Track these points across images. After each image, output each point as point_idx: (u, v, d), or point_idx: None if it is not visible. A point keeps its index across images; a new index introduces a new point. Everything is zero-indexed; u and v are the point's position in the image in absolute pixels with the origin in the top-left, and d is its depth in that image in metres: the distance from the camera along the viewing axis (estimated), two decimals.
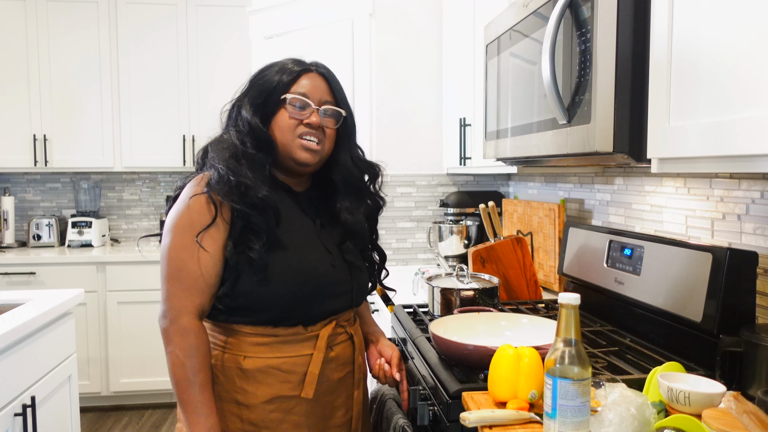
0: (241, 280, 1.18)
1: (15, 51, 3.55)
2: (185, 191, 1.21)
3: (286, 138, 1.23)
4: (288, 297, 1.20)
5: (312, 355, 1.23)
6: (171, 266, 1.17)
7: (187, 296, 1.16)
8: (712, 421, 0.94)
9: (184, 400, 1.15)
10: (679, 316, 1.32)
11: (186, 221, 1.17)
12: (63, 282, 3.38)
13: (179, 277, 1.16)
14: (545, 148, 1.41)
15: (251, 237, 1.17)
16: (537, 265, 2.29)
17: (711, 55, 0.94)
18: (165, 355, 1.17)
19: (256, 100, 1.24)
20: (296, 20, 3.18)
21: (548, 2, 1.37)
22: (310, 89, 1.25)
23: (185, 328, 1.15)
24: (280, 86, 1.24)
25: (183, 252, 1.16)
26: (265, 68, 1.29)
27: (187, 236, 1.16)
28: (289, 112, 1.23)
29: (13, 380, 1.76)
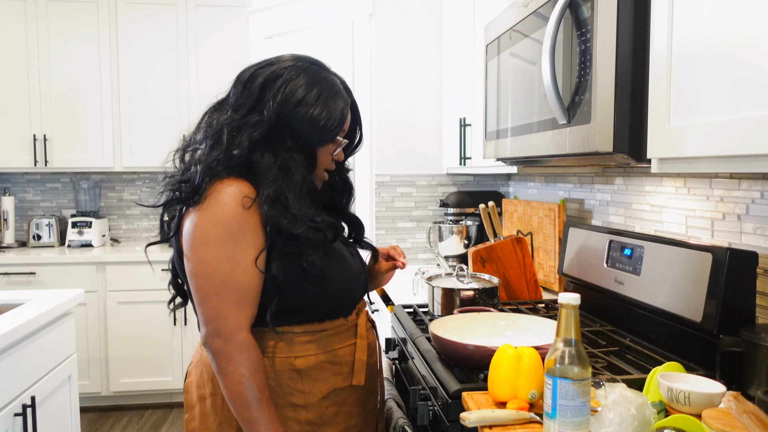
0: (289, 289, 1.14)
1: (15, 51, 3.55)
2: (218, 198, 1.09)
3: (319, 169, 1.25)
4: (337, 292, 1.21)
5: (356, 344, 1.25)
6: (216, 280, 1.08)
7: (240, 310, 1.10)
8: (712, 421, 0.94)
9: (252, 420, 1.09)
10: (679, 316, 1.32)
11: (224, 231, 1.08)
12: (63, 282, 3.38)
13: (227, 291, 1.08)
14: (545, 148, 1.41)
15: (308, 251, 1.13)
16: (537, 265, 2.29)
17: (711, 54, 0.94)
18: (220, 377, 1.10)
19: (322, 127, 1.19)
20: (296, 20, 3.18)
21: (548, 2, 1.37)
22: (347, 125, 1.26)
23: (246, 343, 1.10)
24: (340, 121, 1.21)
25: (227, 264, 1.08)
26: (332, 93, 1.21)
27: (230, 247, 1.08)
28: (334, 153, 1.25)
29: (13, 380, 1.76)
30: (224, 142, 1.13)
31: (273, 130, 1.15)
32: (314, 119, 1.17)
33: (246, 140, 1.12)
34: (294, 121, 1.16)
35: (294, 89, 1.17)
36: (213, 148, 1.14)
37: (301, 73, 1.19)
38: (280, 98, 1.16)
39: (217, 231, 1.08)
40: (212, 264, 1.08)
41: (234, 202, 1.09)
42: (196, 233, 1.09)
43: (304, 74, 1.19)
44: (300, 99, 1.17)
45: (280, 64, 1.21)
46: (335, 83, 1.24)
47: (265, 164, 1.12)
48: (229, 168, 1.12)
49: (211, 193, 1.10)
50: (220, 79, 4.26)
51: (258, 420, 1.09)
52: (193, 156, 1.19)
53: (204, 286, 1.09)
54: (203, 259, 1.08)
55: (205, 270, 1.08)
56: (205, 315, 1.10)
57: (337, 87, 1.23)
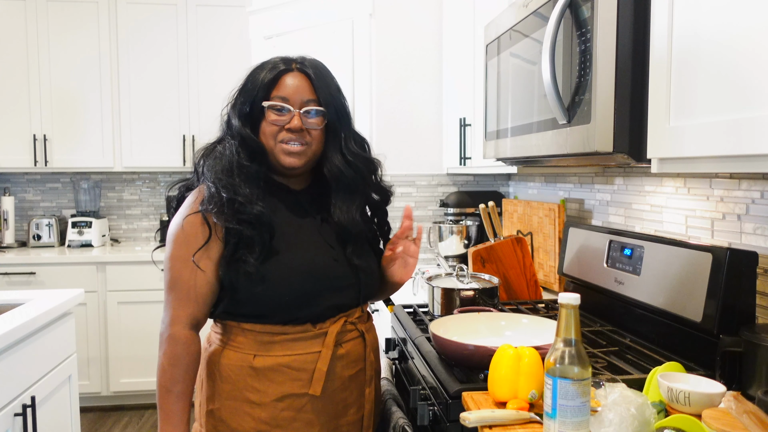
0: (240, 292, 1.19)
1: (15, 51, 3.55)
2: (186, 204, 1.24)
3: (270, 144, 1.24)
4: (291, 297, 1.20)
5: (320, 353, 1.23)
6: (169, 276, 1.21)
7: (181, 306, 1.19)
8: (712, 421, 0.94)
9: (161, 406, 1.19)
10: (679, 316, 1.32)
11: (181, 236, 1.20)
12: (63, 282, 3.38)
13: (175, 287, 1.20)
14: (545, 148, 1.41)
15: (245, 252, 1.17)
16: (537, 265, 2.29)
17: (711, 54, 0.94)
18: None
19: (243, 107, 1.24)
20: (296, 20, 3.18)
21: (548, 2, 1.37)
22: (290, 91, 1.23)
23: (175, 337, 1.19)
24: (261, 92, 1.23)
25: (178, 263, 1.19)
26: (254, 70, 1.28)
27: (183, 249, 1.19)
28: (270, 119, 1.23)
29: (13, 380, 1.76)
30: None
31: (226, 128, 1.27)
32: (234, 97, 1.26)
33: (198, 154, 1.28)
34: (236, 106, 1.26)
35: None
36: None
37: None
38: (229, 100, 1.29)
39: (176, 234, 1.21)
40: (170, 260, 1.21)
41: (188, 209, 1.21)
42: (168, 232, 1.23)
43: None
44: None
45: None
46: (264, 62, 1.28)
47: (207, 164, 1.23)
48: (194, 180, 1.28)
49: (188, 198, 1.24)
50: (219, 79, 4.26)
51: (164, 409, 1.19)
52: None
53: (165, 279, 1.22)
54: (167, 255, 1.22)
55: (166, 266, 1.21)
56: (164, 305, 1.23)
57: (264, 63, 1.27)
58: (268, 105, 1.23)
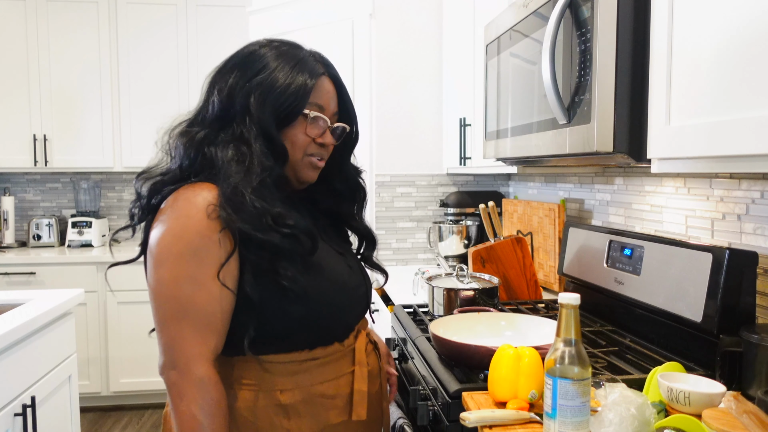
0: (267, 310, 0.99)
1: (15, 51, 3.55)
2: (186, 207, 0.96)
3: (296, 155, 1.08)
4: (328, 314, 1.06)
5: (354, 372, 1.09)
6: (174, 304, 0.94)
7: (200, 339, 0.94)
8: (712, 421, 0.94)
9: None
10: (679, 316, 1.32)
11: (188, 249, 0.94)
12: (63, 282, 3.38)
13: (187, 317, 0.94)
14: (545, 148, 1.41)
15: (285, 264, 0.98)
16: (537, 265, 2.29)
17: (711, 54, 0.94)
18: (172, 415, 0.94)
19: (281, 106, 1.03)
20: (296, 20, 3.18)
21: (548, 2, 1.37)
22: (327, 101, 1.09)
23: (203, 379, 0.93)
24: (303, 93, 1.05)
25: (188, 285, 0.94)
26: (287, 63, 1.06)
27: (192, 265, 0.93)
28: (308, 130, 1.07)
29: (13, 380, 1.76)
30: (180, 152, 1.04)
31: (225, 117, 1.03)
32: (267, 90, 1.03)
33: (192, 139, 1.02)
34: (246, 99, 1.02)
35: (246, 67, 1.05)
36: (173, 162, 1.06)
37: (258, 54, 1.07)
38: (232, 81, 1.04)
39: (179, 247, 0.94)
40: (172, 285, 0.93)
41: (198, 213, 0.94)
42: (158, 249, 0.95)
43: (261, 54, 1.07)
44: (252, 74, 1.04)
45: (238, 52, 1.10)
46: (297, 54, 1.08)
47: (220, 159, 0.98)
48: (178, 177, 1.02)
49: (176, 201, 0.97)
50: None
51: None
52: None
53: (162, 310, 0.95)
54: (162, 278, 0.94)
55: (164, 291, 0.94)
56: (161, 342, 0.95)
57: (299, 57, 1.08)
58: (312, 115, 1.06)
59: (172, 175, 1.03)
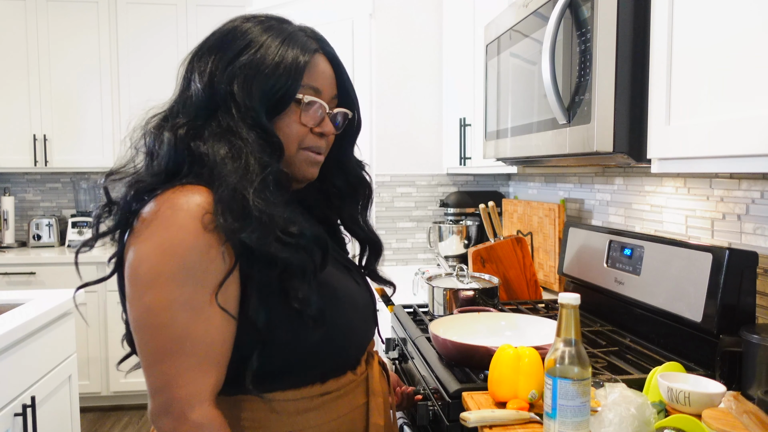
0: (275, 339, 0.83)
1: (15, 51, 3.55)
2: (171, 218, 0.77)
3: (290, 148, 0.91)
4: (343, 339, 0.92)
5: (369, 404, 0.96)
6: (166, 336, 0.76)
7: (199, 375, 0.77)
8: (712, 421, 0.94)
9: None
10: (679, 316, 1.32)
11: (181, 267, 0.76)
12: (63, 282, 3.38)
13: (182, 350, 0.77)
14: (545, 148, 1.41)
15: (294, 283, 0.82)
16: (537, 265, 2.29)
17: (711, 54, 0.94)
18: None
19: (271, 90, 0.87)
20: (296, 20, 3.18)
21: (548, 2, 1.37)
22: (323, 83, 0.93)
23: (203, 424, 0.76)
24: (295, 78, 0.88)
25: (183, 312, 0.76)
26: (269, 30, 0.91)
27: (188, 288, 0.76)
28: (303, 118, 0.90)
29: (13, 380, 1.76)
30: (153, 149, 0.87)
31: (207, 107, 0.87)
32: (252, 73, 0.86)
33: (175, 134, 0.85)
34: (229, 85, 0.86)
35: (227, 47, 0.89)
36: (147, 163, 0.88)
37: (240, 30, 0.91)
38: (211, 65, 0.88)
39: (171, 266, 0.76)
40: (164, 313, 0.76)
41: (192, 223, 0.77)
42: (144, 269, 0.77)
43: (243, 30, 0.91)
44: (234, 55, 0.88)
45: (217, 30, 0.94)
46: (286, 29, 0.94)
47: (212, 156, 0.81)
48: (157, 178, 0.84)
49: (162, 208, 0.78)
50: None
51: None
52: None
53: (152, 344, 0.77)
54: (152, 306, 0.76)
55: (155, 321, 0.76)
56: (151, 383, 0.78)
57: (288, 32, 0.93)
58: (307, 100, 0.90)
59: (153, 176, 0.84)
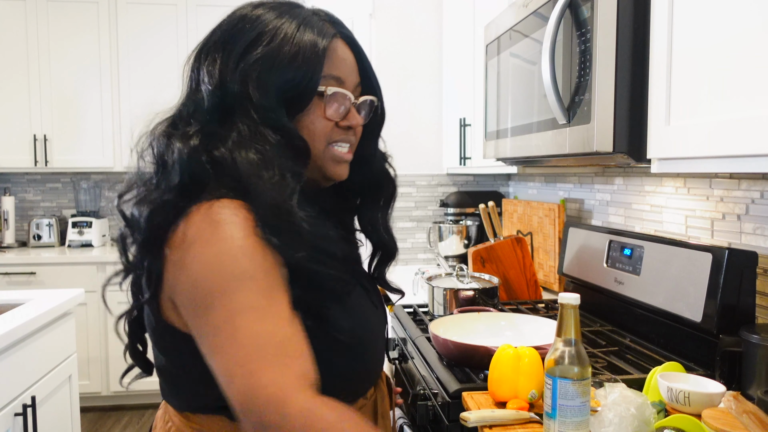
0: None
1: (15, 51, 3.55)
2: (215, 233, 0.71)
3: (317, 147, 0.83)
4: (365, 364, 0.87)
5: (377, 425, 0.91)
6: (242, 342, 0.67)
7: (284, 370, 0.66)
8: (712, 421, 0.94)
9: None
10: (679, 316, 1.32)
11: (240, 275, 0.70)
12: (63, 282, 3.38)
13: (263, 351, 0.67)
14: (545, 148, 1.41)
15: (327, 304, 0.77)
16: (537, 265, 2.29)
17: (711, 54, 0.94)
18: None
19: (283, 82, 0.79)
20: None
21: (548, 2, 1.37)
22: (346, 70, 0.85)
23: (306, 409, 0.64)
24: (314, 64, 0.80)
25: (253, 316, 0.69)
26: (282, 17, 0.82)
27: (252, 293, 0.70)
28: (327, 112, 0.83)
29: (14, 380, 1.76)
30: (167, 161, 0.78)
31: (220, 110, 0.79)
32: (266, 68, 0.78)
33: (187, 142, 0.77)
34: (243, 85, 0.78)
35: (236, 40, 0.82)
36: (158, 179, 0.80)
37: (249, 19, 0.84)
38: (220, 62, 0.81)
39: (231, 279, 0.69)
40: (233, 322, 0.68)
41: (241, 233, 0.71)
42: (202, 290, 0.70)
43: (252, 18, 0.84)
44: (244, 49, 0.80)
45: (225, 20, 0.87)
46: (299, 14, 0.84)
47: (241, 166, 0.74)
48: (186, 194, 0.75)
49: (202, 226, 0.72)
50: None
51: None
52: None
53: (231, 352, 0.67)
54: (220, 322, 0.69)
55: (228, 332, 0.68)
56: (239, 393, 0.66)
57: (302, 17, 0.83)
58: (331, 92, 0.82)
59: (169, 192, 0.75)
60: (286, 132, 0.79)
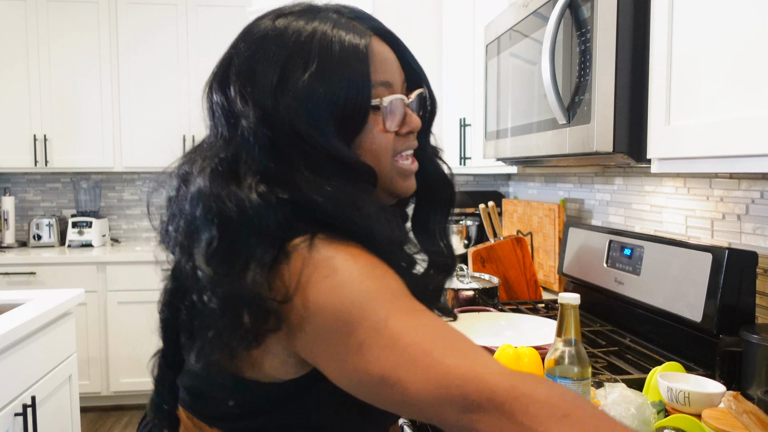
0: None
1: (15, 51, 3.55)
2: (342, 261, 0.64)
3: (384, 165, 0.75)
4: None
5: None
6: (407, 332, 0.59)
7: (471, 346, 0.59)
8: (711, 421, 0.94)
9: None
10: (679, 316, 1.32)
11: (390, 293, 0.63)
12: (63, 282, 3.38)
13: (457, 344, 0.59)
14: (545, 148, 1.41)
15: None
16: (537, 265, 2.29)
17: (711, 54, 0.94)
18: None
19: (335, 108, 0.69)
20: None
21: (548, 2, 1.37)
22: (389, 72, 0.75)
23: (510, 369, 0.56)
24: (363, 78, 0.71)
25: (412, 311, 0.62)
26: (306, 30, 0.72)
27: (405, 300, 0.64)
28: (387, 124, 0.74)
29: (14, 380, 1.76)
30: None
31: (273, 149, 0.69)
32: (310, 97, 0.69)
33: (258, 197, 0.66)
34: (289, 124, 0.69)
35: (266, 69, 0.71)
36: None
37: (272, 38, 0.74)
38: (257, 95, 0.71)
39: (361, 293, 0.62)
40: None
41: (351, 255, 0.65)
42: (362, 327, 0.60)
43: (275, 36, 0.74)
44: (280, 80, 0.70)
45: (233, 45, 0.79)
46: (331, 18, 0.74)
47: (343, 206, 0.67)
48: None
49: (320, 260, 0.64)
50: None
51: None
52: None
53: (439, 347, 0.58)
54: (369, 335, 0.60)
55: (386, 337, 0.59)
56: (424, 386, 0.56)
57: (333, 21, 0.73)
58: (388, 101, 0.73)
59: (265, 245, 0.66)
60: (350, 164, 0.70)
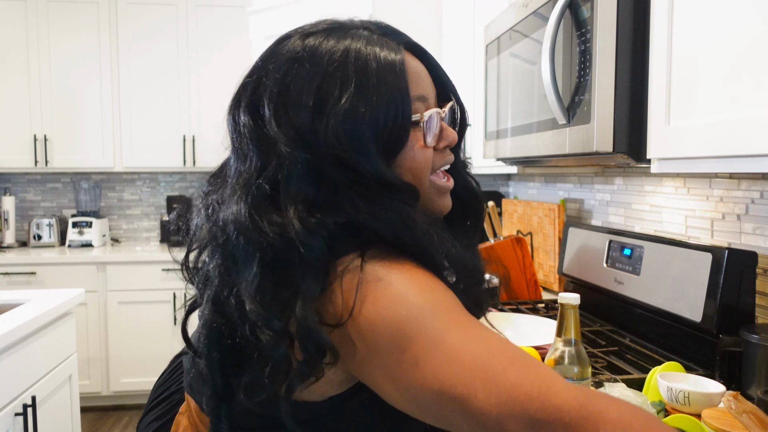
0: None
1: (15, 51, 3.55)
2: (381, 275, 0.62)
3: (424, 182, 0.73)
4: None
5: None
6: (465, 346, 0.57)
7: (532, 361, 0.57)
8: (711, 421, 0.94)
9: None
10: (679, 316, 1.33)
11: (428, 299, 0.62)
12: (63, 282, 3.38)
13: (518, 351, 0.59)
14: (545, 148, 1.41)
15: None
16: (537, 265, 2.29)
17: (711, 54, 0.94)
18: None
19: (377, 129, 0.67)
20: (296, 20, 3.17)
21: (548, 2, 1.37)
22: (424, 87, 0.74)
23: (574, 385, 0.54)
24: (402, 96, 0.69)
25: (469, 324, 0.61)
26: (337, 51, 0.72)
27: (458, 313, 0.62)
28: (427, 140, 0.72)
29: (14, 380, 1.76)
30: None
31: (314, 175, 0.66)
32: (354, 120, 0.66)
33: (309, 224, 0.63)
34: (331, 147, 0.66)
35: (300, 92, 0.68)
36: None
37: (303, 61, 0.71)
38: (294, 120, 0.68)
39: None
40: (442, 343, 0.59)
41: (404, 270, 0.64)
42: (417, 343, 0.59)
43: (304, 59, 0.71)
44: (317, 102, 0.67)
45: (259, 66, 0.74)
46: (361, 35, 0.77)
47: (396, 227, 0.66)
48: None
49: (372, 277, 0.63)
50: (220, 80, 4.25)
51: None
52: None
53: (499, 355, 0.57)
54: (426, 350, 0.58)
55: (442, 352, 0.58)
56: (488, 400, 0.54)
57: (364, 38, 0.76)
58: (427, 116, 0.72)
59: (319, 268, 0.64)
60: (394, 184, 0.68)
